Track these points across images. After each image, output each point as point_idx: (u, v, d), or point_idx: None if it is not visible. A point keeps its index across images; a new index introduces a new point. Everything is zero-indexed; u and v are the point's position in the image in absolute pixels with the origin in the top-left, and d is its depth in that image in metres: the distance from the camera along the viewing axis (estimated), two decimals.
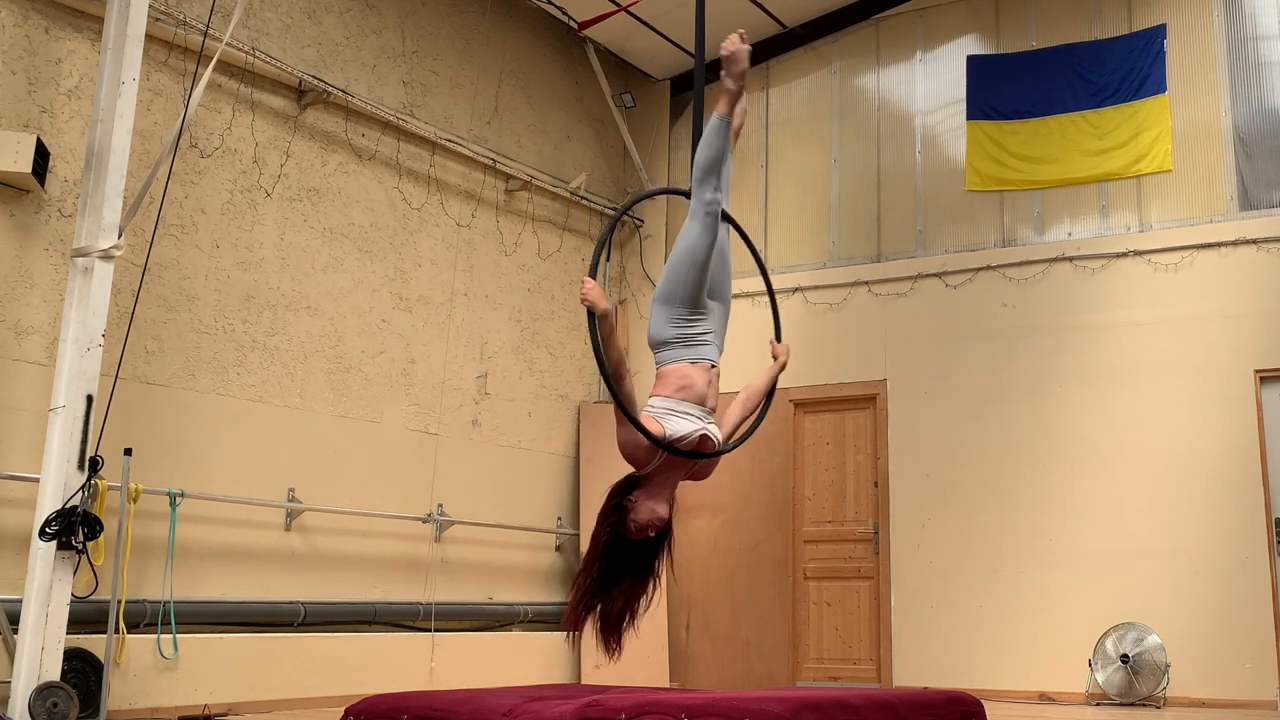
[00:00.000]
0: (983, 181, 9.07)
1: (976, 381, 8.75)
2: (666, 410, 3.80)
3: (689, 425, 3.77)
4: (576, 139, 10.03)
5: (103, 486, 5.77)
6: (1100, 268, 8.50)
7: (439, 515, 8.20)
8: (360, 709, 4.38)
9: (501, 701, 4.21)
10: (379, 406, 7.95)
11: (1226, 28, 8.43)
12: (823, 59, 9.96)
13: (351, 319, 7.84)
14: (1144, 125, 8.54)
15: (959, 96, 9.26)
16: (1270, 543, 7.62)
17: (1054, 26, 9.05)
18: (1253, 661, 7.51)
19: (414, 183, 8.44)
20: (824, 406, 9.36)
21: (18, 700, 5.20)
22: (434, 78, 8.70)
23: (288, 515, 7.25)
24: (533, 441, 9.17)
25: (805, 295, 9.49)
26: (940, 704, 4.69)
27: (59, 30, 6.36)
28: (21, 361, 6.02)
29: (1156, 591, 7.84)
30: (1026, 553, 8.33)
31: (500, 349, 9.01)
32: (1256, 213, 8.10)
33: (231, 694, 6.58)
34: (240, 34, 7.16)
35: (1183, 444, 7.98)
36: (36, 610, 5.29)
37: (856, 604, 8.98)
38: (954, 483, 8.69)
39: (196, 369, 6.85)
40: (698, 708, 3.86)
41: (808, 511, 9.29)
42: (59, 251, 6.21)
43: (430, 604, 7.99)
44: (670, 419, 3.76)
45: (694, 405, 3.83)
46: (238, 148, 7.24)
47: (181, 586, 6.53)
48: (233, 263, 7.12)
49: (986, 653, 8.31)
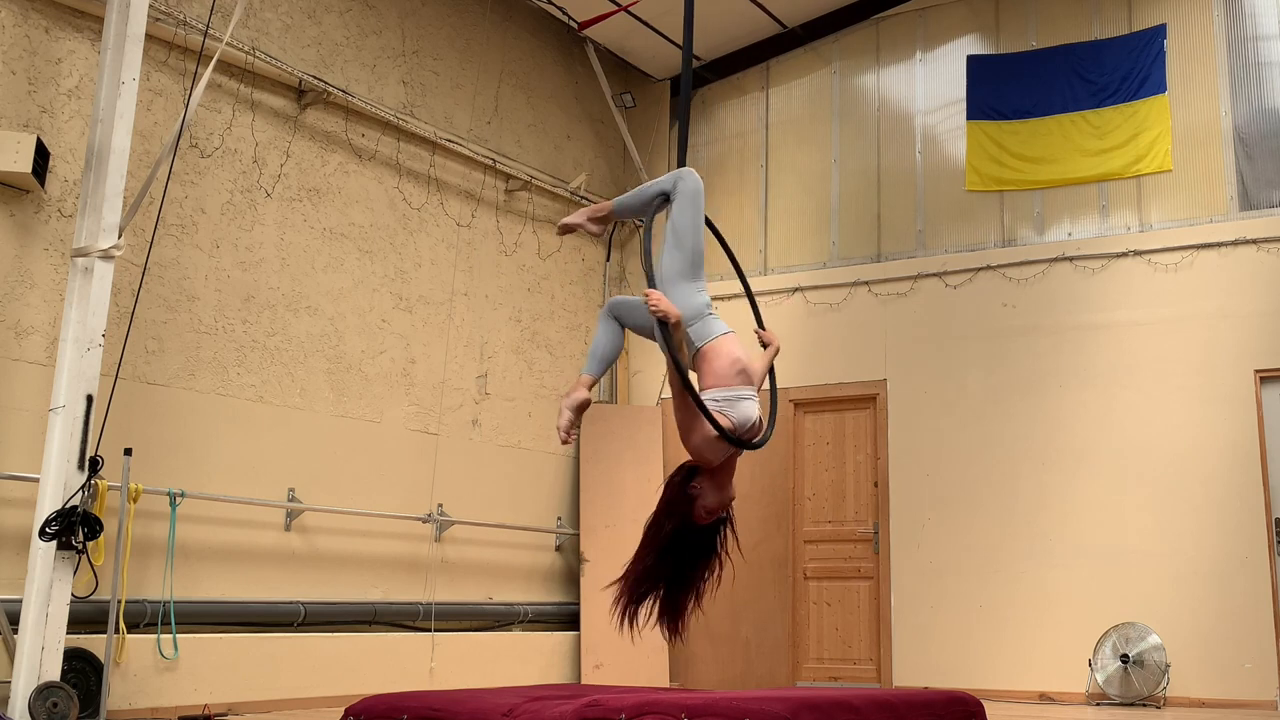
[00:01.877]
0: (983, 181, 9.07)
1: (976, 381, 8.75)
2: (731, 399, 3.82)
3: (753, 410, 3.82)
4: (576, 139, 10.04)
5: (103, 486, 5.77)
6: (1100, 268, 8.50)
7: (439, 515, 8.21)
8: (360, 709, 4.38)
9: (501, 701, 4.21)
10: (379, 406, 7.95)
11: (1226, 28, 8.43)
12: (823, 59, 9.96)
13: (351, 319, 7.84)
14: (1144, 125, 8.54)
15: (959, 96, 9.26)
16: (1270, 543, 7.63)
17: (1054, 26, 9.05)
18: (1253, 661, 7.51)
19: (414, 183, 8.44)
20: (824, 406, 9.36)
21: (18, 700, 5.20)
22: (434, 78, 8.70)
23: (288, 515, 7.26)
24: (533, 441, 9.17)
25: (805, 295, 9.49)
26: (940, 704, 4.69)
27: (59, 30, 6.36)
28: (21, 361, 6.02)
29: (1156, 591, 7.84)
30: (1026, 552, 8.33)
31: (500, 349, 9.02)
32: (1256, 213, 8.10)
33: (231, 694, 6.58)
34: (240, 34, 7.16)
35: (1183, 444, 7.98)
36: (36, 610, 5.29)
37: (856, 604, 8.98)
38: (954, 482, 8.69)
39: (196, 369, 6.85)
40: (698, 708, 3.86)
41: (808, 511, 9.30)
42: (59, 251, 6.21)
43: (430, 604, 7.99)
44: (736, 407, 3.80)
45: (747, 386, 3.87)
46: (238, 148, 7.25)
47: (181, 586, 6.53)
48: (233, 263, 7.13)
49: (986, 653, 8.31)
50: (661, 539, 3.76)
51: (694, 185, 4.13)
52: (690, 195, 4.10)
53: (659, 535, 3.77)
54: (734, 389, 3.84)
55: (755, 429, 3.83)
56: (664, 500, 3.82)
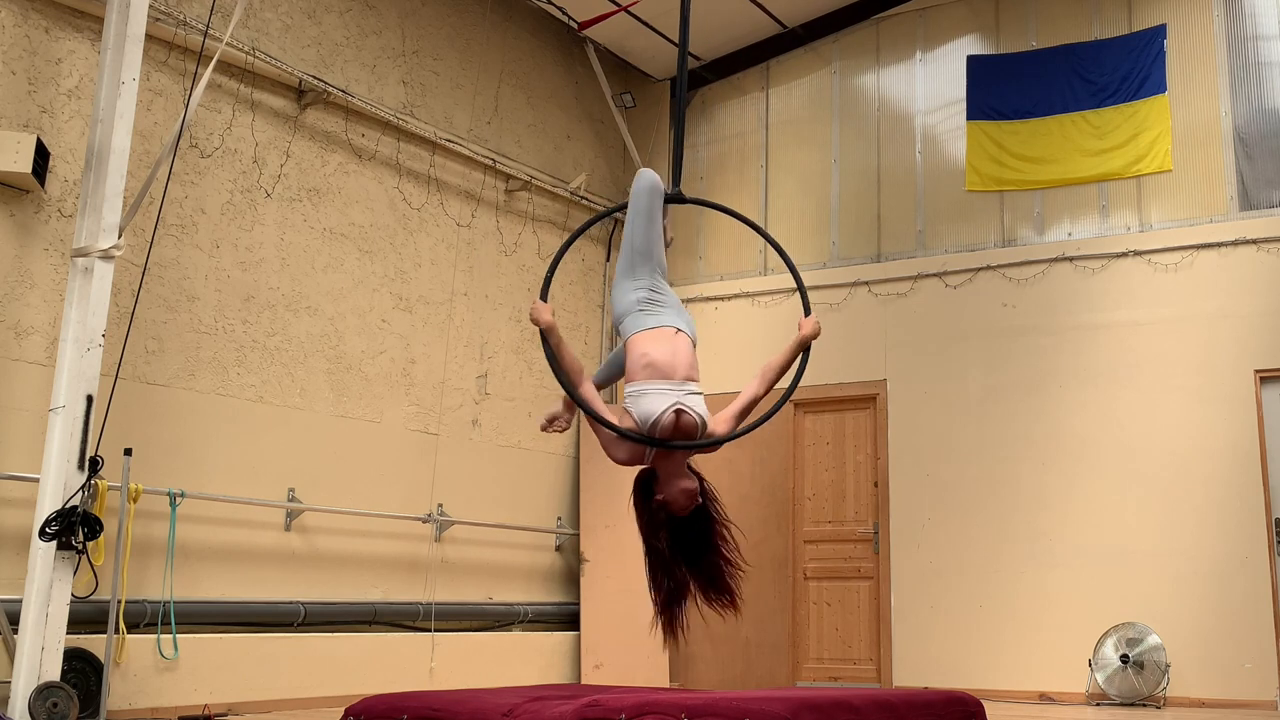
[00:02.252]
0: (983, 181, 9.07)
1: (976, 381, 8.75)
2: (635, 395, 3.68)
3: (659, 403, 3.63)
4: (576, 139, 10.04)
5: (103, 486, 5.77)
6: (1100, 268, 8.50)
7: (439, 515, 8.21)
8: (360, 709, 4.38)
9: (501, 701, 4.21)
10: (379, 406, 7.95)
11: (1226, 28, 8.43)
12: (823, 59, 9.96)
13: (351, 319, 7.84)
14: (1144, 125, 8.54)
15: (959, 96, 9.26)
16: (1270, 543, 7.63)
17: (1054, 26, 9.05)
18: (1253, 661, 7.51)
19: (414, 183, 8.44)
20: (824, 406, 9.36)
21: (18, 700, 5.20)
22: (434, 78, 8.70)
23: (288, 515, 7.25)
24: (533, 441, 9.17)
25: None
26: (940, 704, 4.70)
27: (59, 30, 6.36)
28: (21, 361, 6.02)
29: (1156, 591, 7.84)
30: (1026, 552, 8.33)
31: (500, 349, 9.02)
32: (1256, 213, 8.10)
33: (231, 694, 6.58)
34: (240, 34, 7.16)
35: (1183, 444, 7.98)
36: (36, 610, 5.29)
37: (856, 604, 8.98)
38: (954, 482, 8.69)
39: (196, 369, 6.85)
40: (698, 708, 3.86)
41: (808, 511, 9.30)
42: (59, 251, 6.21)
43: (430, 604, 7.99)
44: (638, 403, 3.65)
45: (660, 380, 3.68)
46: (238, 148, 7.25)
47: (181, 586, 6.53)
48: (233, 263, 7.13)
49: (986, 653, 8.31)
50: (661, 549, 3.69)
51: (637, 184, 4.07)
52: (634, 193, 4.06)
53: (656, 546, 3.70)
54: (640, 384, 3.70)
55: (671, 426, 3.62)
56: (640, 521, 3.73)
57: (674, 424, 3.64)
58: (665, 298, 3.95)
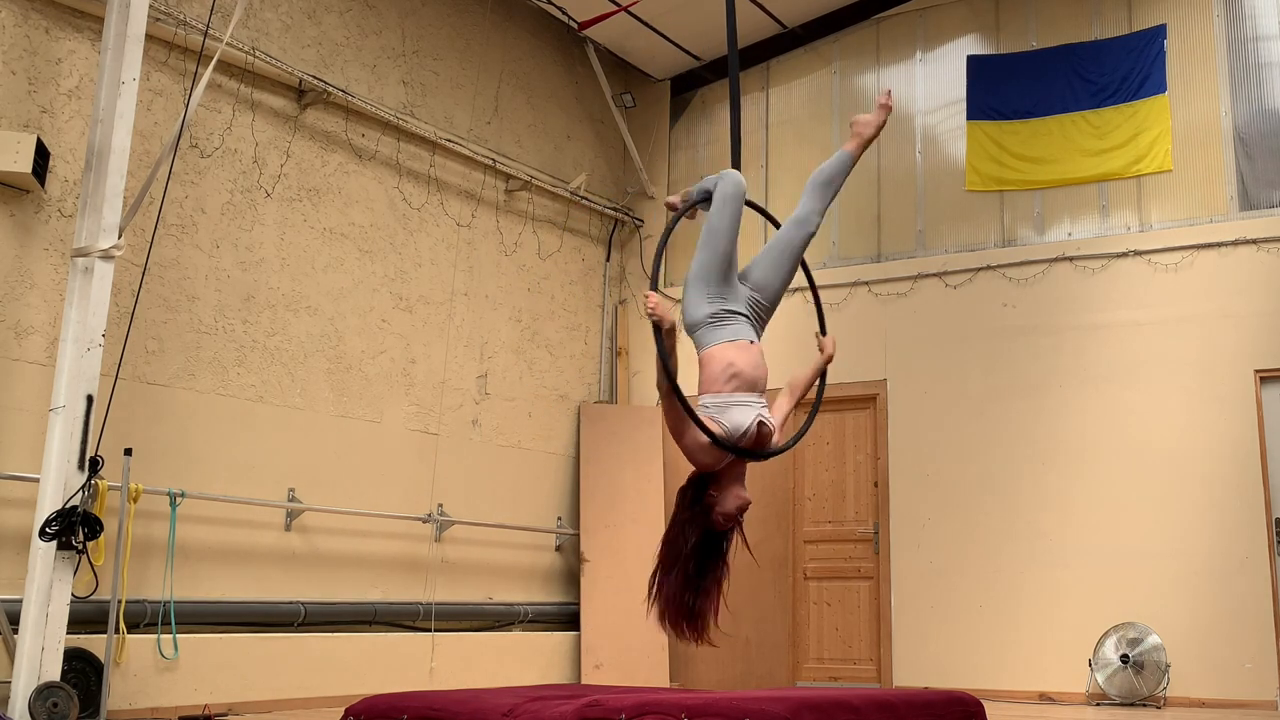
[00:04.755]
0: (983, 181, 9.07)
1: (976, 381, 8.75)
2: (721, 405, 3.78)
3: (747, 415, 3.75)
4: (576, 139, 10.04)
5: (103, 486, 5.77)
6: (1100, 268, 8.50)
7: (439, 515, 8.21)
8: (360, 709, 4.38)
9: (501, 701, 4.21)
10: (379, 406, 7.95)
11: (1226, 28, 8.43)
12: (823, 59, 9.96)
13: (351, 319, 7.84)
14: (1144, 125, 8.54)
15: (959, 96, 9.26)
16: (1270, 543, 7.63)
17: (1054, 26, 9.05)
18: (1253, 661, 7.51)
19: (414, 183, 8.45)
20: (824, 406, 9.25)
21: (18, 700, 5.20)
22: (434, 78, 8.70)
23: (288, 515, 7.26)
24: (533, 441, 9.17)
25: (805, 295, 9.45)
26: (940, 704, 4.70)
27: (59, 30, 6.36)
28: (21, 361, 6.02)
29: (1156, 591, 7.84)
30: (1027, 553, 8.33)
31: (500, 349, 9.02)
32: (1256, 213, 8.10)
33: (231, 694, 6.58)
34: (240, 34, 7.16)
35: (1183, 444, 7.98)
36: (36, 610, 5.29)
37: (856, 604, 8.98)
38: (954, 483, 8.69)
39: (196, 369, 6.85)
40: (698, 708, 3.86)
41: (808, 511, 9.30)
42: (59, 251, 6.21)
43: (430, 604, 7.99)
44: (727, 413, 3.75)
45: (745, 393, 3.80)
46: (238, 148, 7.25)
47: (181, 586, 6.53)
48: (233, 263, 7.13)
49: (986, 653, 8.31)
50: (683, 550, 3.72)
51: (728, 188, 4.01)
52: (723, 197, 4.01)
53: (680, 546, 3.73)
54: (724, 395, 3.79)
55: (754, 437, 3.76)
56: (681, 510, 3.78)
57: (756, 435, 3.78)
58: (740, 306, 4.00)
